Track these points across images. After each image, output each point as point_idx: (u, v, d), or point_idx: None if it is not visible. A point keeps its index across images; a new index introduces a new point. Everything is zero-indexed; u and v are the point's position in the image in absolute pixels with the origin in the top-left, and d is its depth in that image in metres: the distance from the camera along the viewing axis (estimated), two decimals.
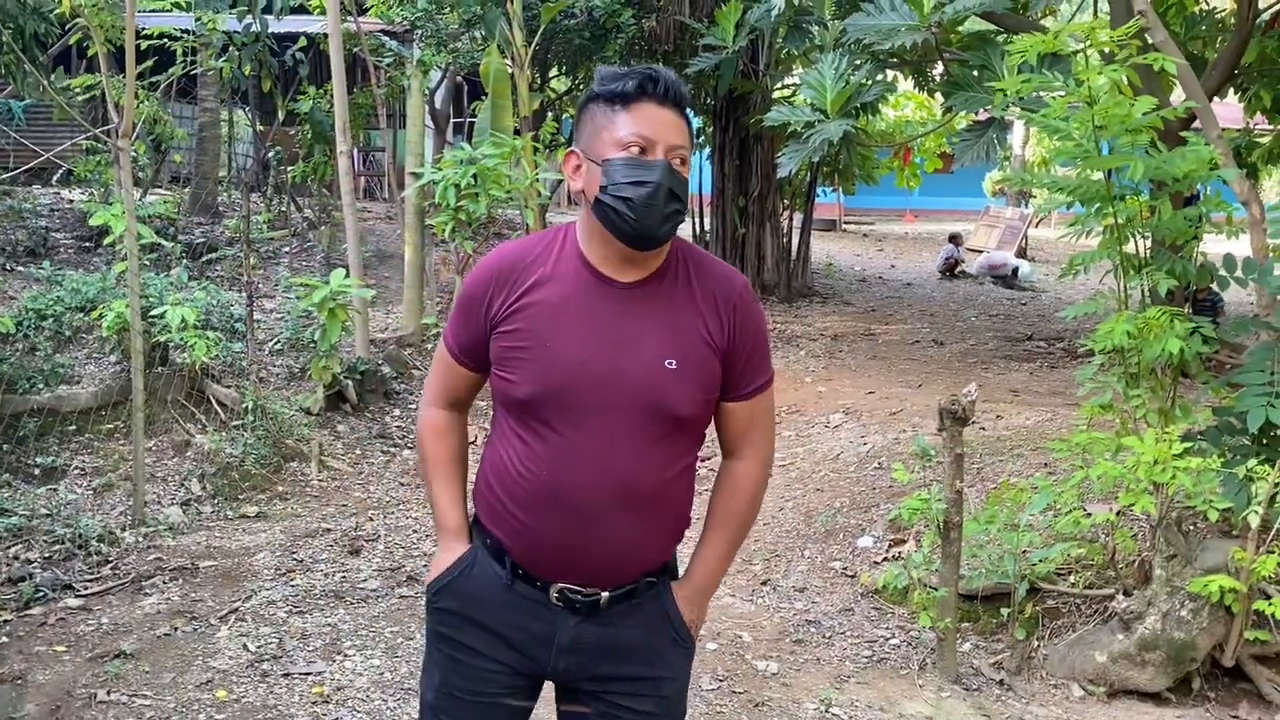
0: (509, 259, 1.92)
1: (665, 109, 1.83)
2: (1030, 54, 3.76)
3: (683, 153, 1.84)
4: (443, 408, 2.04)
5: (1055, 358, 9.06)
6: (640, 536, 1.90)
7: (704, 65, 9.61)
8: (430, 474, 2.05)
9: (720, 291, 1.91)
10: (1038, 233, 19.75)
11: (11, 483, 5.57)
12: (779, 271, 12.35)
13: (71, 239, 9.59)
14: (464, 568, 1.96)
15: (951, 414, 3.70)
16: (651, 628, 1.95)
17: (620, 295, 1.86)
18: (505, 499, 1.89)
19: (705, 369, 1.89)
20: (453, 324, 1.99)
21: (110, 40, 5.47)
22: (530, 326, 1.85)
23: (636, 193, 1.78)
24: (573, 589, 1.88)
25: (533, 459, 1.85)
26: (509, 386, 1.87)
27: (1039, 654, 4.05)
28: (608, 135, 1.83)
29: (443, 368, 2.03)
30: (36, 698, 3.61)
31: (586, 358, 1.82)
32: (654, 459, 1.87)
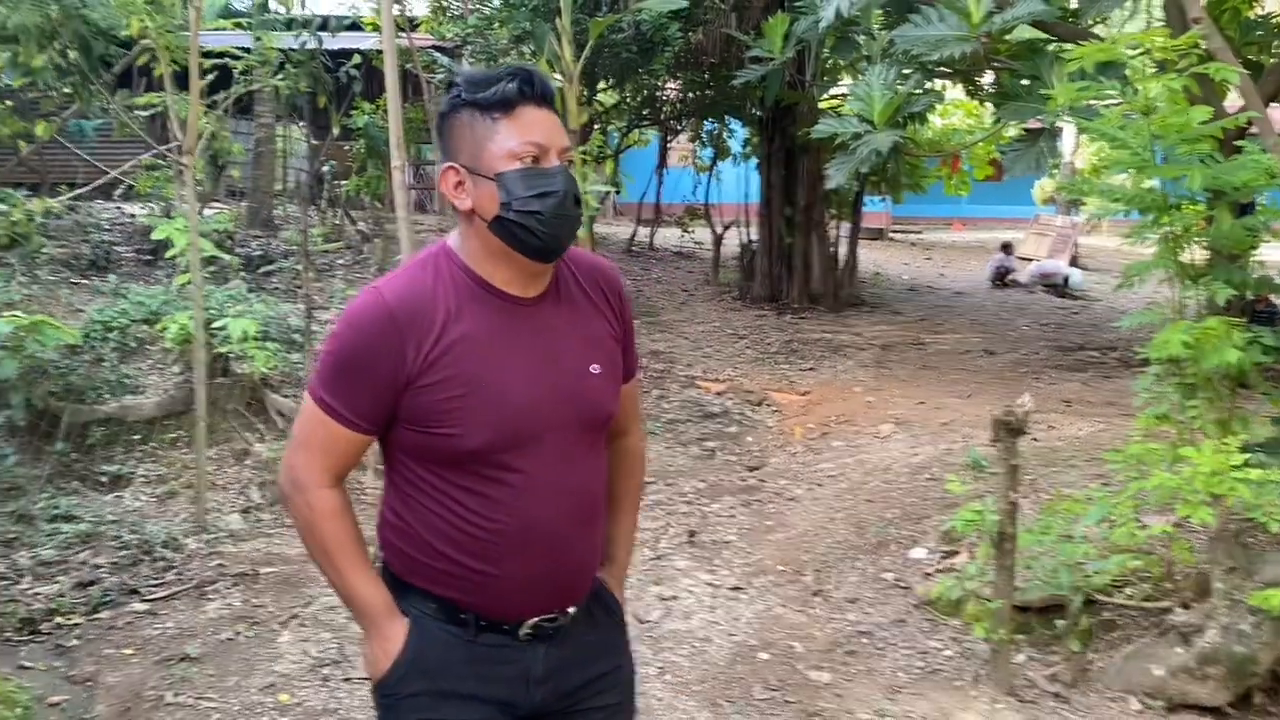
0: (405, 303, 1.70)
1: (544, 109, 1.73)
2: (1087, 62, 3.74)
3: (571, 153, 1.77)
4: (330, 485, 1.78)
5: (1109, 368, 8.97)
6: (596, 544, 1.89)
7: (750, 77, 9.64)
8: (339, 563, 1.78)
9: (604, 282, 1.89)
10: (1089, 240, 19.53)
11: (80, 490, 5.75)
12: (826, 281, 12.33)
13: (132, 252, 9.83)
14: (416, 642, 1.79)
15: (1006, 425, 3.70)
16: (602, 626, 1.94)
17: (531, 313, 1.78)
18: (463, 557, 1.75)
19: (617, 363, 1.88)
20: (339, 387, 1.72)
21: (175, 60, 5.62)
22: (460, 371, 1.69)
23: (544, 204, 1.69)
24: (545, 619, 1.81)
25: (494, 507, 1.73)
26: (448, 441, 1.70)
27: (1095, 667, 4.01)
28: (495, 146, 1.70)
29: (325, 438, 1.75)
30: (107, 699, 3.73)
31: (528, 388, 1.73)
32: (596, 465, 1.86)
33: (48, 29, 7.13)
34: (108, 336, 6.88)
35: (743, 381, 8.54)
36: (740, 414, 7.77)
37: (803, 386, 8.36)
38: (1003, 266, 14.90)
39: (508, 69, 1.74)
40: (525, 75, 1.72)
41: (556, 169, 1.72)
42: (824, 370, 8.93)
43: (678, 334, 10.36)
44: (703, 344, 10.04)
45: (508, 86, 1.70)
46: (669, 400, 8.01)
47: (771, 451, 6.95)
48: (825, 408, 7.62)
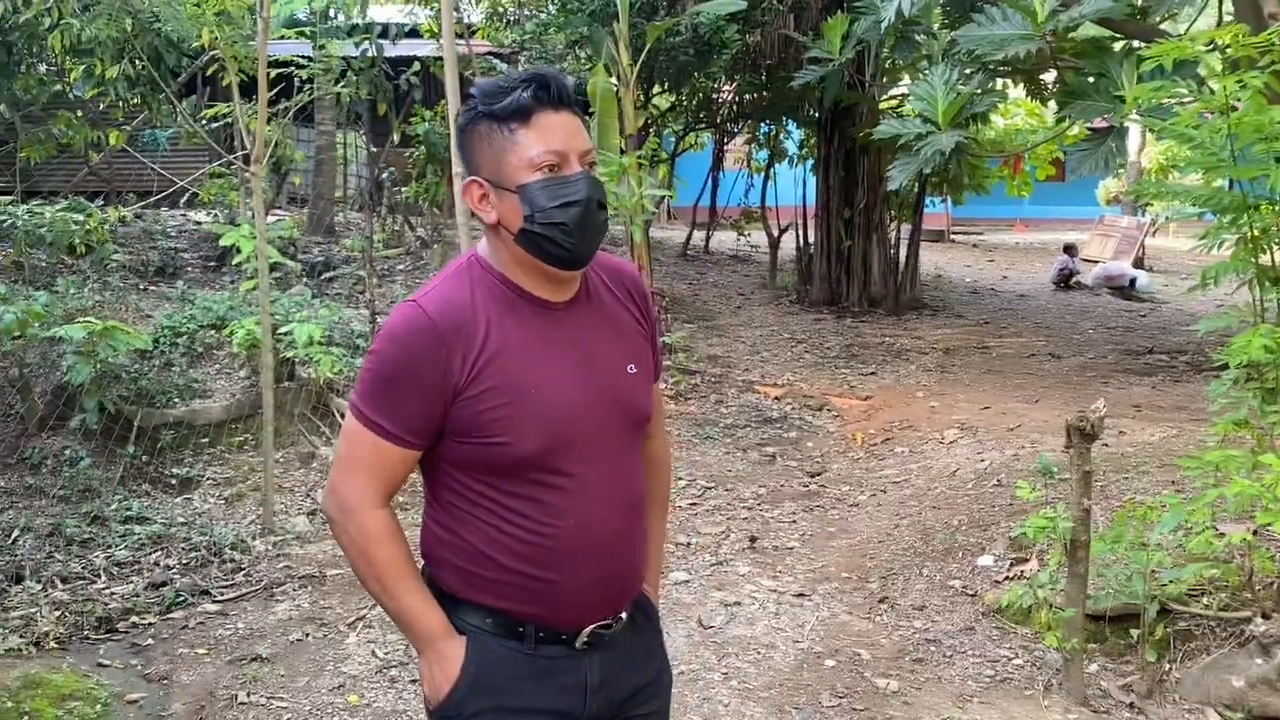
0: (447, 315, 1.68)
1: (563, 113, 1.69)
2: (1166, 59, 3.66)
3: (593, 155, 1.72)
4: (381, 506, 1.74)
5: (1178, 372, 8.77)
6: (644, 543, 1.89)
7: (809, 78, 9.59)
8: (393, 587, 1.74)
9: (628, 282, 1.89)
10: (1155, 242, 19.13)
11: (151, 492, 5.87)
12: (886, 284, 12.22)
13: (198, 259, 10.04)
14: (476, 661, 1.75)
15: (1079, 430, 3.62)
16: (641, 630, 1.92)
17: (567, 317, 1.76)
18: (521, 566, 1.72)
19: (650, 361, 1.88)
20: (383, 404, 1.69)
21: (243, 70, 5.73)
22: (506, 379, 1.67)
23: (568, 214, 1.66)
24: (601, 625, 1.79)
25: (551, 512, 1.71)
26: (500, 450, 1.68)
27: (1171, 677, 3.92)
28: (514, 158, 1.67)
29: (374, 458, 1.72)
30: (182, 697, 3.80)
31: (572, 391, 1.72)
32: (638, 465, 1.85)
33: (122, 41, 7.31)
34: (176, 341, 7.03)
35: (802, 386, 8.48)
36: (800, 419, 7.71)
37: (864, 391, 8.28)
38: (1066, 269, 14.65)
39: (523, 75, 1.69)
40: (540, 80, 1.68)
41: (578, 176, 1.68)
42: (885, 375, 8.84)
43: (734, 338, 10.32)
44: (760, 348, 9.99)
45: (522, 95, 1.66)
46: (727, 405, 7.98)
47: (832, 457, 6.90)
48: (887, 413, 7.54)
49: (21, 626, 4.18)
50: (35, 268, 8.20)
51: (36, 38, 7.78)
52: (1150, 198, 16.89)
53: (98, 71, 7.42)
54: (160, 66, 7.54)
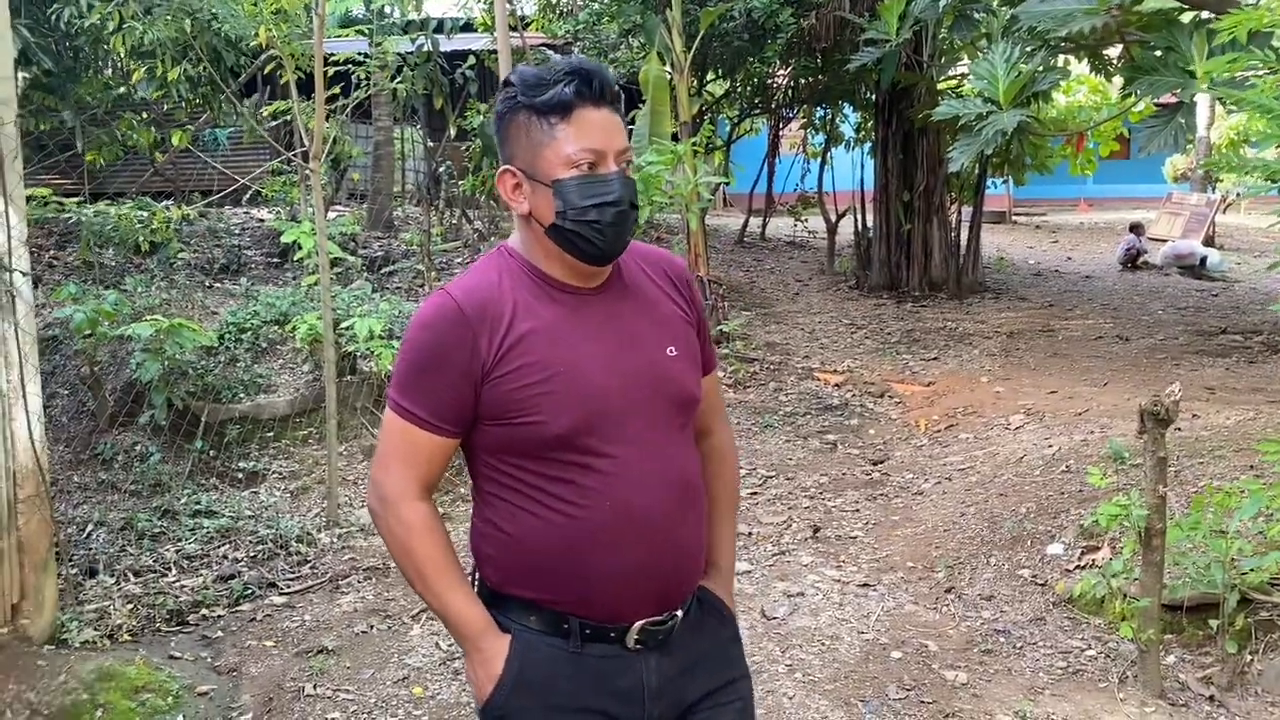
0: (473, 298, 1.70)
1: (603, 109, 1.68)
2: (1240, 31, 3.52)
3: (630, 154, 1.72)
4: (420, 498, 1.73)
5: (1254, 352, 8.51)
6: (699, 535, 1.81)
7: (865, 60, 9.43)
8: (433, 581, 1.73)
9: (670, 271, 1.87)
10: (1226, 219, 18.59)
11: (218, 486, 5.97)
12: (947, 267, 12.02)
13: (261, 255, 10.18)
14: (520, 658, 1.72)
15: (1154, 415, 3.51)
16: (710, 631, 1.84)
17: (598, 301, 1.76)
18: (561, 552, 1.68)
19: (694, 346, 1.84)
20: (416, 393, 1.70)
21: (300, 68, 5.77)
22: (536, 358, 1.67)
23: (601, 215, 1.67)
24: (653, 622, 1.73)
25: (585, 495, 1.67)
26: (532, 429, 1.66)
27: (1252, 669, 3.80)
28: (551, 153, 1.67)
29: (409, 448, 1.72)
30: (251, 689, 3.85)
31: (604, 370, 1.70)
32: (688, 450, 1.80)
33: (182, 42, 7.43)
34: (241, 337, 7.14)
35: (862, 373, 8.38)
36: (861, 406, 7.62)
37: (926, 377, 8.16)
38: (1133, 248, 14.29)
39: (565, 67, 1.67)
40: (584, 75, 1.66)
41: (613, 176, 1.68)
42: (948, 360, 8.70)
43: (793, 325, 10.22)
44: (819, 335, 9.89)
45: (564, 90, 1.65)
46: (786, 393, 7.91)
47: (895, 444, 6.80)
48: (951, 399, 7.41)
49: (96, 619, 4.27)
50: (104, 267, 8.38)
51: (101, 41, 7.94)
52: (1224, 172, 16.42)
53: (159, 73, 7.54)
54: (220, 66, 7.65)
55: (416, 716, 3.66)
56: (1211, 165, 5.02)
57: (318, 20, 5.32)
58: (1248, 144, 18.92)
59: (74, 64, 9.34)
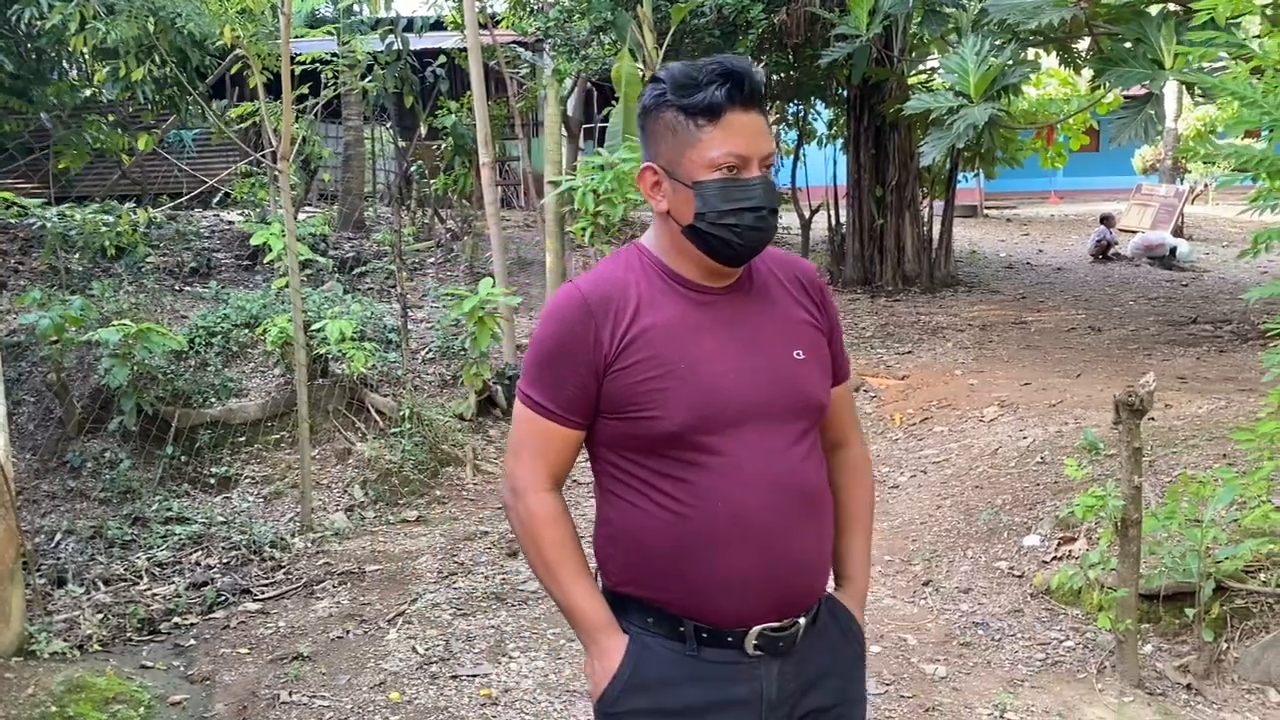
0: (598, 290, 1.71)
1: (750, 113, 1.66)
2: (1219, 14, 3.52)
3: (772, 159, 1.71)
4: (548, 489, 1.75)
5: (1223, 341, 8.57)
6: (821, 543, 1.76)
7: (837, 55, 9.44)
8: (558, 571, 1.74)
9: (802, 276, 1.84)
10: (1195, 209, 18.77)
11: (190, 492, 5.90)
12: (920, 261, 12.06)
13: (231, 258, 10.08)
14: (636, 659, 1.71)
15: (1128, 405, 3.52)
16: (839, 649, 1.80)
17: (725, 301, 1.74)
18: (674, 552, 1.67)
19: (824, 353, 1.81)
20: (541, 383, 1.73)
21: (267, 68, 5.71)
22: (656, 352, 1.67)
23: (741, 219, 1.66)
24: (772, 628, 1.69)
25: (699, 494, 1.66)
26: (649, 424, 1.66)
27: (1229, 657, 3.82)
28: (695, 155, 1.66)
29: (538, 439, 1.74)
30: (224, 698, 3.80)
31: (725, 369, 1.68)
32: (812, 457, 1.75)
33: (146, 42, 7.33)
34: (211, 341, 7.06)
35: None
36: None
37: (901, 371, 8.17)
38: (1104, 239, 14.40)
39: (715, 68, 1.65)
40: (736, 78, 1.64)
41: (756, 181, 1.67)
42: (922, 353, 8.72)
43: None
44: None
45: (716, 93, 1.64)
46: None
47: (871, 438, 6.80)
48: (925, 392, 7.43)
49: (65, 630, 4.20)
50: (70, 272, 8.26)
51: (63, 43, 7.82)
52: (1196, 161, 16.52)
53: (123, 74, 7.44)
54: (186, 67, 7.55)
55: None
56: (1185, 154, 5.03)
57: (284, 19, 5.26)
58: (1214, 135, 19.11)
59: (37, 66, 9.20)
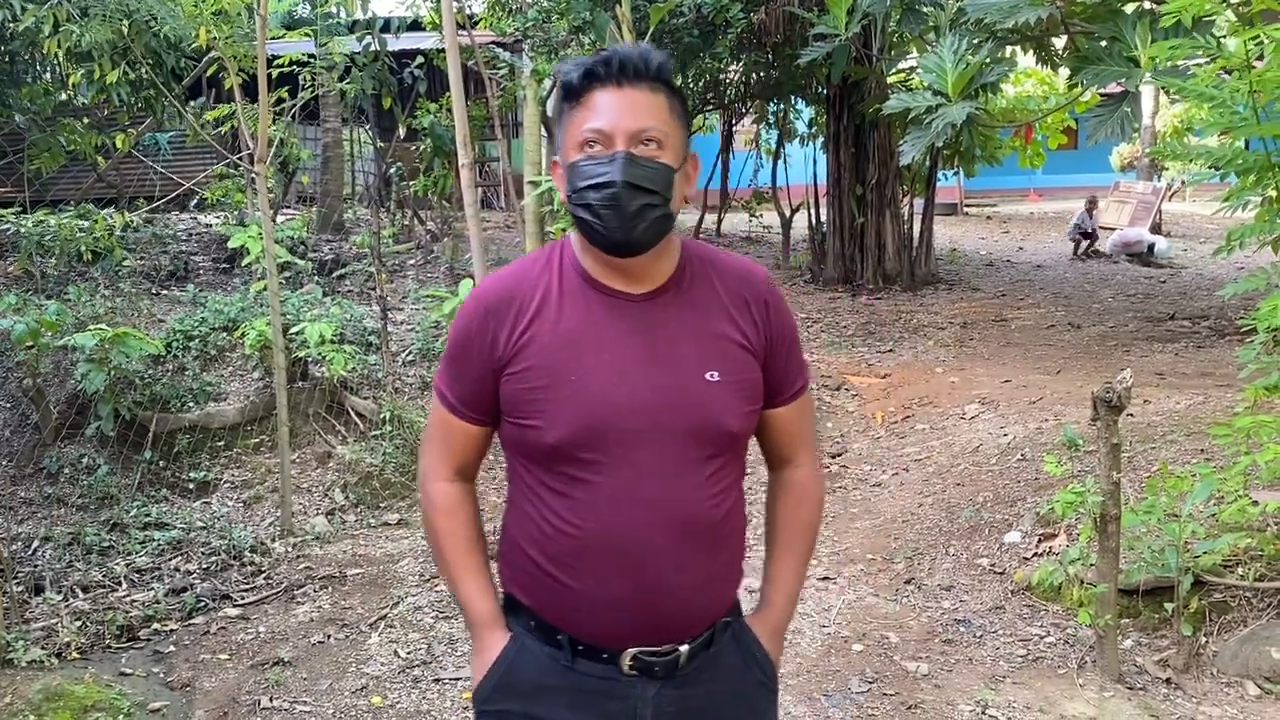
0: (503, 288, 1.67)
1: (627, 89, 1.58)
2: (1185, 15, 3.55)
3: (654, 133, 1.58)
4: (449, 479, 1.75)
5: (1201, 337, 8.65)
6: (710, 575, 1.67)
7: (816, 54, 9.44)
8: (448, 560, 1.74)
9: (747, 290, 1.71)
10: (1172, 207, 18.91)
11: (169, 498, 5.85)
12: (901, 260, 12.09)
13: (209, 261, 10.01)
14: (510, 660, 1.69)
15: (1106, 402, 3.54)
16: (736, 676, 1.73)
17: (640, 309, 1.64)
18: (549, 565, 1.63)
19: (747, 377, 1.68)
20: (446, 375, 1.72)
21: (244, 70, 5.67)
22: (547, 361, 1.61)
23: (596, 196, 1.56)
24: (648, 651, 1.63)
25: (577, 511, 1.60)
26: (533, 434, 1.61)
27: (1208, 651, 3.84)
28: (567, 138, 1.62)
29: (443, 430, 1.74)
30: (205, 704, 3.77)
31: (619, 384, 1.60)
32: (710, 486, 1.64)
33: (120, 45, 7.27)
34: (189, 345, 7.01)
35: (819, 366, 8.40)
36: (818, 399, 7.63)
37: (882, 369, 8.19)
38: (1083, 225, 14.58)
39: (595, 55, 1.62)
40: (605, 57, 1.60)
41: (612, 156, 1.56)
42: (903, 351, 8.75)
43: None
44: None
45: (576, 72, 1.61)
46: None
47: (853, 437, 6.82)
48: (907, 390, 7.45)
49: (43, 638, 4.16)
50: (46, 277, 8.19)
51: (37, 45, 7.75)
52: (1170, 160, 16.67)
53: (98, 76, 7.38)
54: (162, 69, 7.50)
55: None
56: (1158, 154, 5.04)
57: (260, 21, 5.22)
58: (1191, 132, 19.25)
59: (11, 69, 9.11)
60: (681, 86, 13.98)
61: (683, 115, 1.66)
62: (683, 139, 1.64)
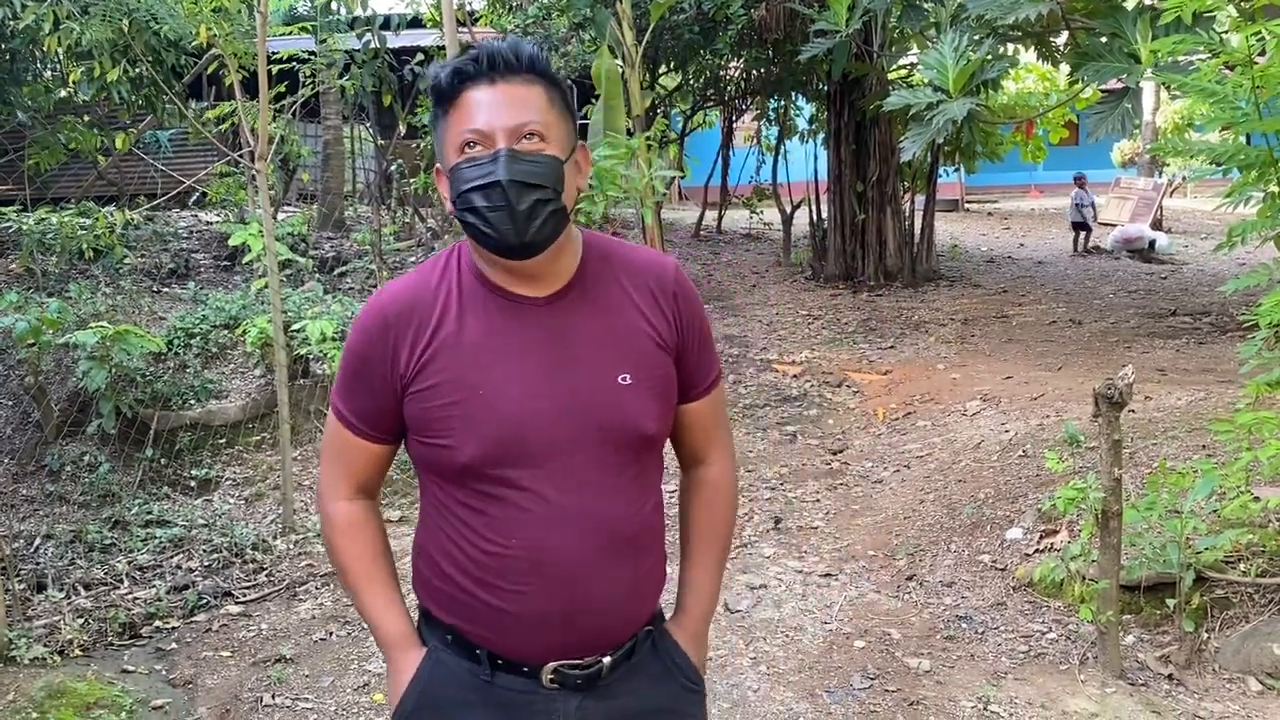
0: (401, 300, 1.58)
1: (501, 85, 1.51)
2: (1185, 11, 3.55)
3: (534, 126, 1.50)
4: (348, 498, 1.68)
5: (1202, 333, 8.64)
6: (633, 585, 1.63)
7: (816, 51, 9.44)
8: (353, 582, 1.68)
9: (654, 282, 1.64)
10: (1173, 203, 18.90)
11: (171, 495, 5.86)
12: (902, 256, 12.09)
13: (210, 259, 10.02)
14: (426, 678, 1.64)
15: (1108, 398, 3.54)
16: (659, 684, 1.69)
17: (544, 313, 1.57)
18: (467, 583, 1.58)
19: (662, 376, 1.62)
20: (344, 392, 1.64)
21: (244, 67, 5.67)
22: (452, 376, 1.54)
23: (480, 199, 1.48)
24: (569, 665, 1.59)
25: (495, 528, 1.55)
26: (443, 453, 1.55)
27: (1210, 646, 3.84)
28: (447, 142, 1.54)
29: (340, 446, 1.67)
30: (207, 701, 3.77)
31: (529, 395, 1.54)
32: (630, 493, 1.60)
33: (120, 42, 7.27)
34: (190, 343, 7.01)
35: (820, 363, 8.40)
36: (819, 396, 7.63)
37: (883, 366, 8.19)
38: (1081, 202, 14.70)
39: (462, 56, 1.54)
40: (474, 54, 1.52)
41: (494, 155, 1.49)
42: (904, 348, 8.75)
43: (750, 317, 10.23)
44: (777, 326, 9.90)
45: (442, 74, 1.53)
46: (745, 385, 7.91)
47: (854, 434, 6.82)
48: (908, 386, 7.45)
49: (45, 635, 4.16)
50: (47, 274, 8.19)
51: (37, 43, 7.76)
52: (1171, 156, 16.68)
53: (98, 74, 7.38)
54: (162, 67, 7.50)
55: None
56: (1159, 150, 5.02)
57: (260, 18, 5.22)
58: (1192, 128, 19.23)
59: (11, 67, 9.11)
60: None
61: (565, 104, 1.56)
62: (567, 129, 1.56)
